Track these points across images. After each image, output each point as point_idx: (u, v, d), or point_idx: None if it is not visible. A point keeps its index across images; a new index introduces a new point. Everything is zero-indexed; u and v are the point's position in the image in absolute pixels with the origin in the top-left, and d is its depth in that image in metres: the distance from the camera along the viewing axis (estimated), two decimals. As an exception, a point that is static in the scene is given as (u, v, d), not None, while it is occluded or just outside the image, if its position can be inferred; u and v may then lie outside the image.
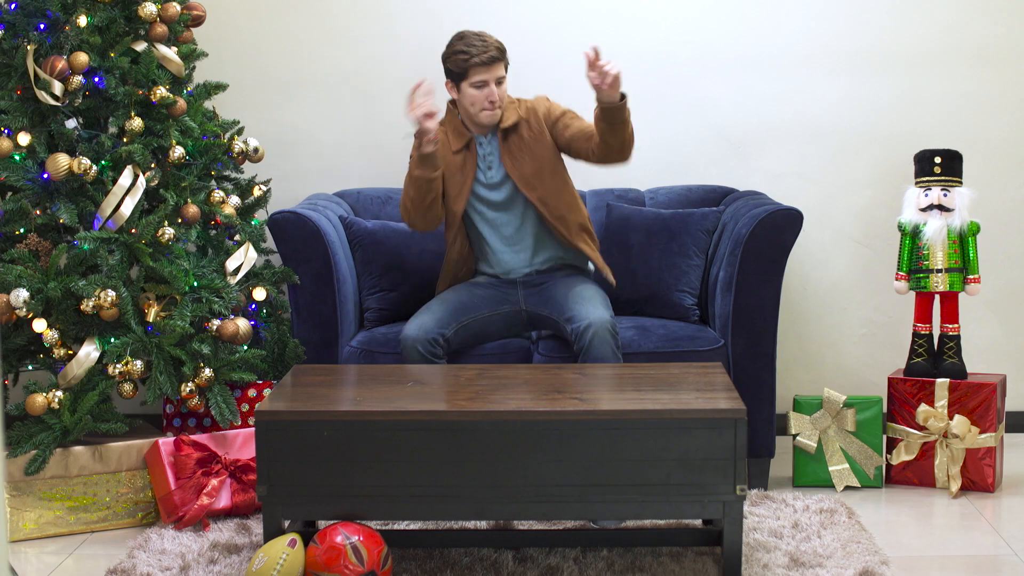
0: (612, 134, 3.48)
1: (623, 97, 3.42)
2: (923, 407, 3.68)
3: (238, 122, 3.90)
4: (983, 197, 4.02)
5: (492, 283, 3.76)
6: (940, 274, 3.76)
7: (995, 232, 4.17)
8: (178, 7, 3.66)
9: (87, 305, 3.36)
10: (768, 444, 3.67)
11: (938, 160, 3.79)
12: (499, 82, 3.60)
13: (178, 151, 3.59)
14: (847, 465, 3.69)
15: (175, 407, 3.69)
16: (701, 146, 4.29)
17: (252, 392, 3.63)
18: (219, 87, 3.81)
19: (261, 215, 3.93)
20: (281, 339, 3.78)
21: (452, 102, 3.76)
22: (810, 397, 3.74)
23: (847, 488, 3.69)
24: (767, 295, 3.69)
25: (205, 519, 3.32)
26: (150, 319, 3.46)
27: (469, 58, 3.56)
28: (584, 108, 4.30)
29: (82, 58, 3.44)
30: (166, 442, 3.39)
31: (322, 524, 3.12)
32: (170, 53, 3.64)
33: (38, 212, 3.48)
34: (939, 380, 3.71)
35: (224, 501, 3.37)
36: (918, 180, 3.83)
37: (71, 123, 3.52)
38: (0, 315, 3.36)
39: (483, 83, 3.58)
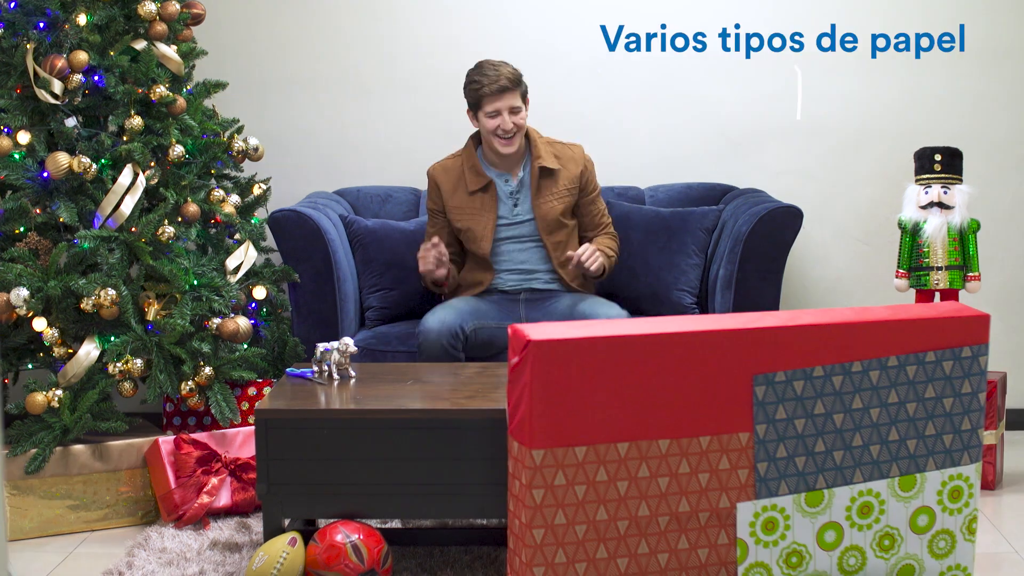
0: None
1: (603, 272, 3.72)
2: (923, 405, 3.68)
3: (238, 120, 3.89)
4: (983, 194, 4.02)
5: (494, 299, 3.78)
6: (940, 271, 3.76)
7: (995, 230, 4.17)
8: (177, 5, 3.65)
9: (87, 304, 3.36)
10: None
11: (938, 157, 3.78)
12: (513, 111, 3.62)
13: (178, 149, 3.59)
14: (847, 463, 3.69)
15: (175, 406, 3.69)
16: (701, 144, 4.28)
17: (252, 391, 3.63)
18: (219, 85, 3.81)
19: (261, 213, 3.93)
20: (281, 337, 3.78)
21: (474, 137, 3.79)
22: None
23: (847, 486, 3.69)
24: (767, 293, 3.68)
25: (205, 518, 3.32)
26: (150, 318, 3.46)
27: (480, 87, 3.61)
28: (583, 106, 4.30)
29: (82, 56, 3.43)
30: (166, 441, 3.39)
31: (322, 522, 3.11)
32: (170, 51, 3.64)
33: (38, 211, 3.48)
34: (939, 378, 3.71)
35: (224, 500, 3.37)
36: (918, 177, 3.83)
37: (71, 122, 3.52)
38: (0, 314, 3.36)
39: (495, 112, 3.61)
